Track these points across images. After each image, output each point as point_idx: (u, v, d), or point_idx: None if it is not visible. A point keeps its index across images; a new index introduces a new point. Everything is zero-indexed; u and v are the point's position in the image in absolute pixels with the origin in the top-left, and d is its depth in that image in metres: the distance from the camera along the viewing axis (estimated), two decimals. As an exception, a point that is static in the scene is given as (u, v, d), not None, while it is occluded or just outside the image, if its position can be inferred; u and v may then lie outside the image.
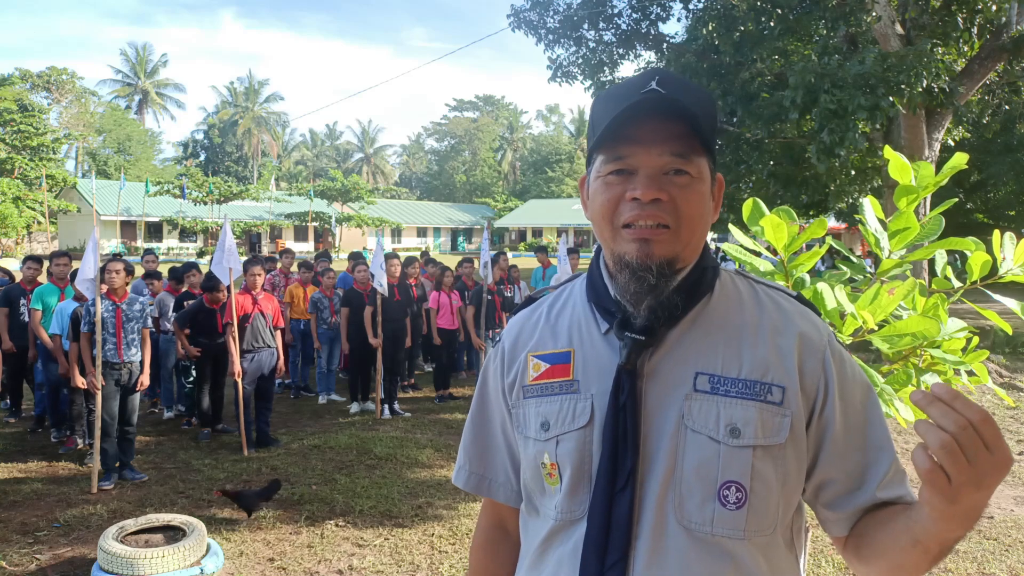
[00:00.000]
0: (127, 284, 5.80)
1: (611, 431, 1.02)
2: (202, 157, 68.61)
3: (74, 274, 6.34)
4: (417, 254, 11.60)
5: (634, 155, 1.00)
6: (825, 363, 1.04)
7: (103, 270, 5.57)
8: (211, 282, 6.80)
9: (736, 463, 0.99)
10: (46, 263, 7.12)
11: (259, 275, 6.75)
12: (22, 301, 7.04)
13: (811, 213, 14.59)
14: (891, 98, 8.91)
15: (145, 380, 5.83)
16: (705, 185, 1.03)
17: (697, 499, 0.99)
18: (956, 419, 0.79)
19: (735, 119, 11.82)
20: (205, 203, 41.88)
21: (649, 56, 13.55)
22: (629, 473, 1.00)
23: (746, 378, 1.01)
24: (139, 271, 9.09)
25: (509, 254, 12.71)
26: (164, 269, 8.03)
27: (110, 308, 5.62)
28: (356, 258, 8.90)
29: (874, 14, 9.90)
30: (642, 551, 0.99)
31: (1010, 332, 2.21)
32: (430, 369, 10.38)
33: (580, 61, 12.65)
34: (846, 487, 1.04)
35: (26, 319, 6.93)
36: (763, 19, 11.53)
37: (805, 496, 1.08)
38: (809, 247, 2.06)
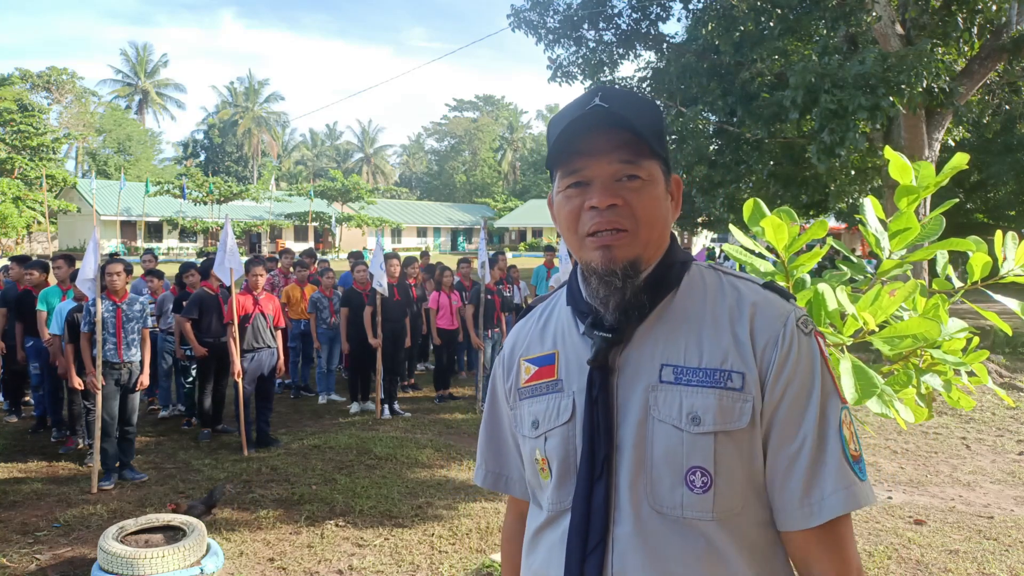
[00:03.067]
0: (127, 284, 5.81)
1: (587, 424, 1.08)
2: (202, 157, 68.57)
3: (74, 275, 6.34)
4: (417, 254, 11.58)
5: (587, 167, 1.07)
6: (778, 346, 1.06)
7: (103, 271, 5.57)
8: (211, 263, 6.86)
9: (699, 449, 1.04)
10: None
11: (261, 275, 6.74)
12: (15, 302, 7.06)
13: (811, 213, 14.59)
14: (891, 98, 8.90)
15: (145, 380, 5.83)
16: (659, 187, 1.09)
17: (667, 484, 1.04)
18: None
19: (735, 119, 11.82)
20: (205, 203, 41.85)
21: (649, 56, 13.57)
22: (603, 463, 1.06)
23: (706, 367, 1.06)
24: (138, 271, 9.09)
25: (509, 254, 12.71)
26: (165, 269, 8.01)
27: (110, 308, 5.62)
28: (356, 257, 8.90)
29: (874, 14, 9.90)
30: (620, 535, 1.05)
31: (1010, 332, 2.21)
32: (422, 368, 10.39)
33: (580, 61, 12.65)
34: (778, 478, 1.05)
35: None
36: (763, 19, 11.53)
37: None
38: (810, 248, 2.06)
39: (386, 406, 7.83)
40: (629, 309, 1.08)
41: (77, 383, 5.68)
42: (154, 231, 43.78)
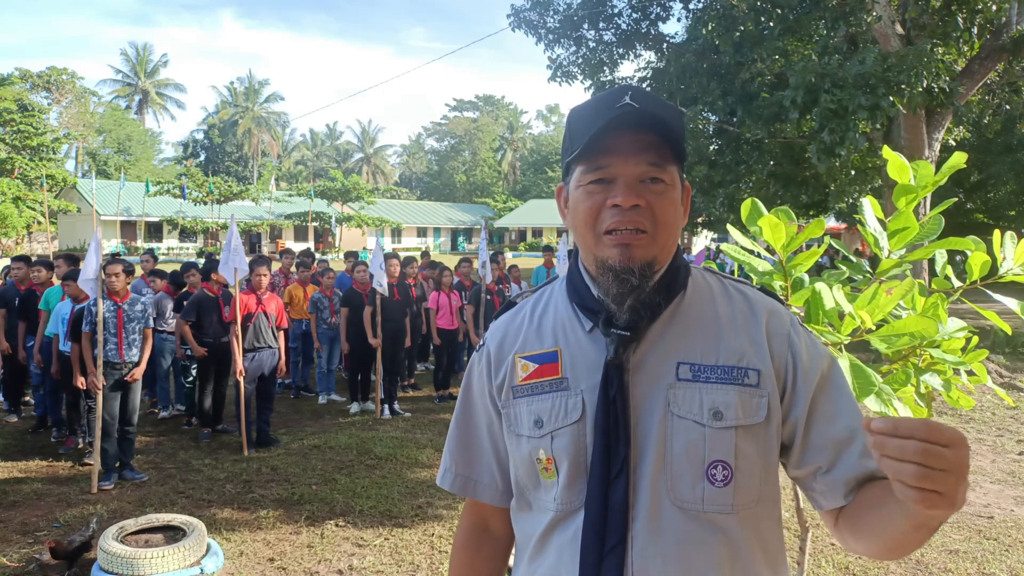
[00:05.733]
0: (127, 284, 5.80)
1: (603, 423, 1.08)
2: (202, 157, 68.57)
3: (70, 275, 6.33)
4: (417, 254, 11.58)
5: (613, 165, 1.08)
6: (790, 343, 1.12)
7: (103, 271, 5.57)
8: (212, 264, 6.83)
9: (721, 443, 1.06)
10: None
11: (265, 275, 6.74)
12: (16, 302, 7.06)
13: (811, 213, 14.58)
14: (891, 98, 8.90)
15: (137, 373, 5.74)
16: (677, 192, 1.11)
17: (688, 480, 1.06)
18: (911, 446, 0.79)
19: (735, 119, 11.82)
20: (205, 203, 41.86)
21: (649, 56, 13.57)
22: (623, 461, 1.07)
23: (724, 364, 1.09)
24: (138, 271, 9.09)
25: (508, 254, 12.71)
26: (166, 269, 8.01)
27: (111, 308, 5.62)
28: (353, 258, 8.90)
29: (874, 14, 9.90)
30: (639, 532, 1.05)
31: (1010, 332, 2.21)
32: (422, 368, 10.39)
33: (580, 61, 12.65)
34: (827, 458, 1.09)
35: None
36: (763, 19, 11.53)
37: (790, 471, 1.15)
38: (808, 247, 2.06)
39: (386, 406, 7.83)
40: (642, 308, 1.09)
41: (80, 382, 5.68)
42: (154, 231, 43.79)
